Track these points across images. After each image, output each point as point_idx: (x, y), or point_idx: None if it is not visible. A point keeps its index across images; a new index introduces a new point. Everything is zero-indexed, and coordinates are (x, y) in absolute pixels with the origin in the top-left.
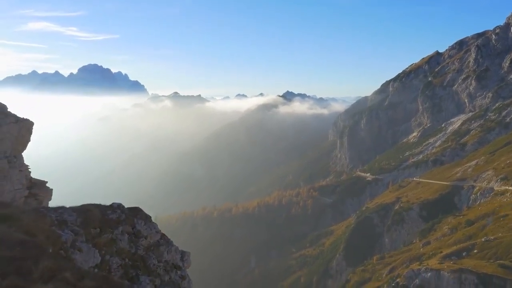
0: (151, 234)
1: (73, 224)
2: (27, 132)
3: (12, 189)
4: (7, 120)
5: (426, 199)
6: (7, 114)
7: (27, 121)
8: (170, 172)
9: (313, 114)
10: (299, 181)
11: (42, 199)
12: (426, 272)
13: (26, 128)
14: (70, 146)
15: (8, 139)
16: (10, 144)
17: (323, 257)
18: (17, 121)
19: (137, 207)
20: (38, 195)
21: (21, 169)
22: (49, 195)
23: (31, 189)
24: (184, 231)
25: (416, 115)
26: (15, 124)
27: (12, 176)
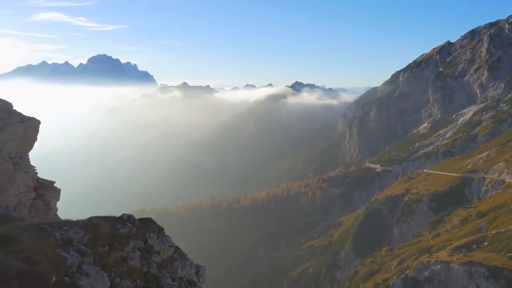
0: (164, 249)
1: (80, 243)
2: (34, 131)
3: (17, 192)
4: (12, 120)
5: (436, 190)
6: (12, 113)
7: (33, 120)
8: (179, 163)
9: (322, 105)
10: (308, 172)
11: (50, 200)
12: (436, 264)
13: (33, 127)
14: (79, 137)
15: (13, 140)
16: (15, 145)
17: (332, 248)
18: (23, 120)
19: (149, 219)
20: (46, 196)
21: (27, 170)
22: (57, 195)
23: (38, 190)
24: (193, 221)
25: (427, 106)
26: (20, 124)
27: (17, 178)
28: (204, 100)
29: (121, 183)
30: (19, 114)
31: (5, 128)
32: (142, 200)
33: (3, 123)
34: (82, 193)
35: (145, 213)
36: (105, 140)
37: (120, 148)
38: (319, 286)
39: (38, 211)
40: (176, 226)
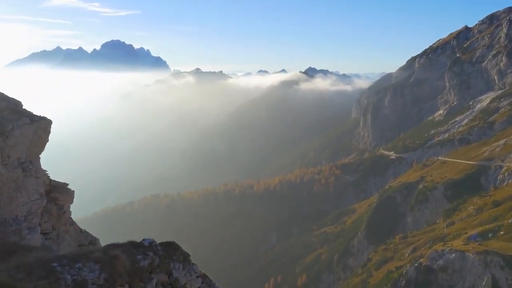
0: (191, 281)
1: (95, 284)
2: (44, 132)
3: (28, 201)
4: (21, 122)
5: (451, 178)
6: (21, 114)
7: (44, 120)
8: (192, 149)
9: (336, 91)
10: (321, 159)
11: (63, 203)
12: (450, 253)
13: (43, 128)
14: (93, 123)
15: (22, 144)
16: (24, 149)
17: (345, 235)
18: (33, 121)
19: (172, 243)
20: (59, 200)
21: (38, 176)
22: (70, 198)
23: (51, 193)
24: (206, 207)
25: (443, 93)
26: (30, 126)
27: (27, 186)
28: (217, 86)
29: (135, 169)
30: (29, 114)
31: (13, 131)
32: (155, 186)
33: (11, 126)
34: (96, 179)
35: (158, 198)
36: (118, 125)
37: (134, 134)
38: (331, 272)
39: (51, 216)
40: (189, 212)
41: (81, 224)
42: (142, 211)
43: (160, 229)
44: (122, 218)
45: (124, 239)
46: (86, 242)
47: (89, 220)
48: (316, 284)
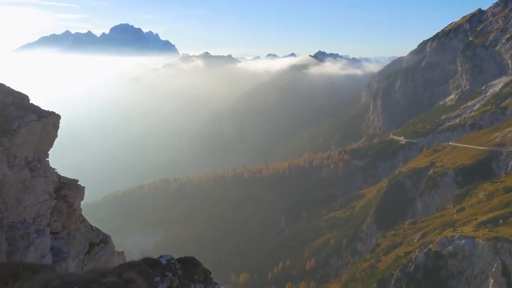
0: None
1: None
2: (53, 128)
3: (36, 202)
4: (27, 118)
5: (462, 164)
6: (28, 109)
7: (53, 115)
8: (201, 133)
9: (346, 75)
10: (330, 144)
11: (73, 200)
12: (460, 239)
13: (52, 124)
14: (103, 107)
15: (29, 142)
16: (32, 147)
17: (353, 220)
18: (40, 117)
19: (192, 259)
20: (69, 197)
21: (46, 174)
22: (80, 195)
23: (60, 191)
24: (215, 191)
25: (455, 77)
26: (37, 122)
27: (35, 186)
28: (226, 70)
29: (144, 153)
30: (36, 109)
31: (19, 129)
32: (164, 170)
33: (17, 124)
34: (106, 162)
35: (167, 182)
36: (127, 110)
37: (143, 118)
38: (340, 257)
39: (61, 214)
40: (198, 196)
41: (91, 208)
42: (151, 195)
43: (170, 212)
44: (132, 201)
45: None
46: (97, 240)
47: (99, 204)
48: (324, 268)
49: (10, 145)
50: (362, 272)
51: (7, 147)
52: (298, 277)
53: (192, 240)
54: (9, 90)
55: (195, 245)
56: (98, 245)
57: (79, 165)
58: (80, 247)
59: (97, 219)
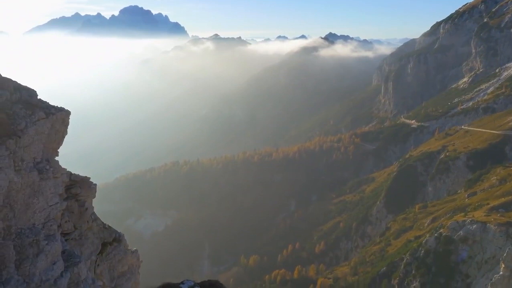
0: None
1: None
2: (62, 125)
3: (46, 206)
4: (35, 117)
5: (474, 148)
6: (35, 107)
7: (62, 111)
8: (211, 115)
9: (357, 57)
10: (340, 127)
11: (85, 199)
12: (471, 224)
13: (61, 120)
14: (113, 89)
15: (37, 142)
16: (40, 147)
17: (363, 204)
18: (48, 114)
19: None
20: (80, 195)
21: (56, 175)
22: (92, 193)
23: (71, 189)
24: (226, 174)
25: (468, 59)
26: (45, 120)
27: (44, 189)
28: (236, 52)
29: (154, 135)
30: (44, 105)
31: (26, 130)
32: (175, 152)
33: (24, 124)
34: (116, 145)
35: (178, 165)
36: (137, 92)
37: (153, 100)
38: (349, 240)
39: (72, 214)
40: (209, 179)
41: (103, 191)
42: (162, 178)
43: (180, 195)
44: (143, 184)
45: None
46: (110, 239)
47: (111, 186)
48: (333, 251)
49: (17, 147)
50: (372, 256)
51: (14, 150)
52: (307, 260)
53: (202, 223)
54: (16, 86)
55: (205, 227)
56: (111, 244)
57: (90, 148)
58: (92, 247)
59: (109, 201)
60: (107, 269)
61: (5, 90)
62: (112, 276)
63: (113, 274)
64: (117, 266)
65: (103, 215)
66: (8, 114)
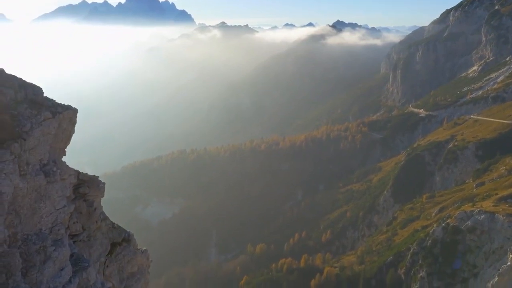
0: None
1: None
2: (69, 123)
3: (53, 210)
4: (41, 117)
5: (483, 138)
6: (41, 106)
7: (69, 110)
8: (218, 104)
9: (365, 45)
10: (348, 115)
11: (93, 199)
12: (480, 214)
13: (68, 119)
14: (120, 77)
15: (43, 143)
16: (47, 148)
17: (370, 193)
18: (55, 114)
19: None
20: (88, 195)
21: (63, 177)
22: (100, 193)
23: (79, 189)
24: (233, 163)
25: (478, 48)
26: (52, 120)
27: (51, 193)
28: (243, 40)
29: (161, 124)
30: (50, 103)
31: (32, 131)
32: (182, 141)
33: (29, 125)
34: (123, 133)
35: (185, 153)
36: (144, 80)
37: (160, 89)
38: (356, 229)
39: (80, 215)
40: (216, 168)
41: (111, 178)
42: (169, 166)
43: (187, 183)
44: (150, 172)
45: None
46: (119, 238)
47: (119, 174)
48: (340, 240)
49: (22, 151)
50: (378, 245)
51: (19, 154)
52: (314, 249)
53: (210, 211)
54: (21, 83)
55: (213, 215)
56: (121, 244)
57: (97, 136)
58: (101, 248)
59: (117, 189)
60: (116, 270)
61: (9, 88)
62: (122, 277)
63: (122, 275)
64: (126, 266)
65: (111, 203)
66: (12, 115)
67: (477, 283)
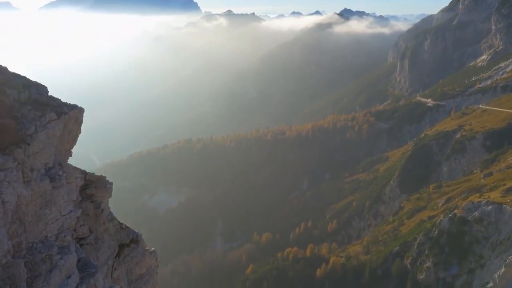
0: None
1: None
2: (76, 123)
3: (59, 217)
4: (45, 119)
5: (491, 128)
6: (46, 106)
7: (75, 109)
8: (224, 93)
9: (372, 34)
10: (354, 105)
11: (101, 200)
12: (487, 205)
13: (74, 119)
14: (125, 66)
15: (48, 146)
16: (52, 150)
17: (377, 183)
18: (60, 115)
19: None
20: (95, 196)
21: (69, 180)
22: (108, 193)
23: (86, 190)
24: (238, 152)
25: (488, 36)
26: (57, 121)
27: (57, 199)
28: (250, 28)
29: (166, 113)
30: (55, 103)
31: (36, 134)
32: (187, 130)
33: (34, 128)
34: (129, 122)
35: (191, 143)
36: (150, 69)
37: (166, 77)
38: (362, 219)
39: (87, 217)
40: (222, 157)
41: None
42: (175, 155)
43: (193, 172)
44: (156, 161)
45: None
46: (127, 239)
47: (125, 163)
48: (346, 230)
49: (26, 156)
50: (384, 235)
51: (22, 159)
52: (319, 238)
53: (216, 200)
54: (25, 83)
55: (219, 204)
56: (129, 245)
57: (104, 125)
58: (109, 251)
59: (124, 178)
60: (124, 272)
61: (13, 89)
62: (130, 280)
63: (130, 277)
64: (135, 268)
65: (119, 192)
66: (15, 117)
67: (484, 274)
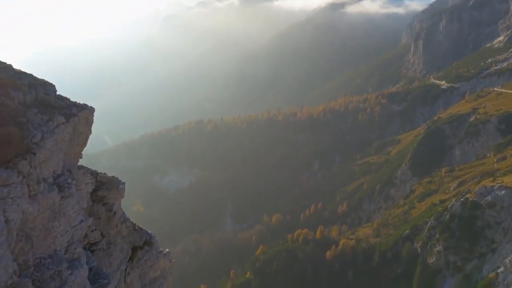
0: None
1: None
2: (86, 125)
3: (68, 228)
4: (53, 124)
5: (506, 111)
6: (54, 109)
7: (85, 110)
8: (235, 73)
9: (386, 14)
10: (367, 86)
11: (113, 201)
12: (500, 189)
13: (84, 121)
14: (136, 46)
15: (57, 153)
16: (60, 157)
17: (388, 166)
18: (69, 118)
19: None
20: (107, 198)
21: (79, 187)
22: (120, 195)
23: (98, 191)
24: (249, 133)
25: (505, 17)
26: (66, 125)
27: (66, 210)
28: (261, 8)
29: (177, 93)
30: (64, 104)
31: (43, 142)
32: (198, 111)
33: (40, 135)
34: (140, 102)
35: (202, 123)
36: (161, 49)
37: (176, 57)
38: (372, 202)
39: (99, 221)
40: (233, 138)
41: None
42: (186, 136)
43: (204, 153)
44: (167, 141)
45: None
46: (141, 242)
47: (137, 143)
48: (356, 212)
49: (32, 167)
50: (395, 218)
51: (28, 172)
52: (330, 220)
53: (226, 181)
54: (30, 82)
55: (229, 185)
56: (142, 248)
57: (114, 105)
58: (122, 255)
59: (136, 158)
60: (137, 276)
61: (18, 90)
62: (143, 283)
63: (144, 281)
64: (148, 272)
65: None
66: (20, 123)
67: (494, 259)
